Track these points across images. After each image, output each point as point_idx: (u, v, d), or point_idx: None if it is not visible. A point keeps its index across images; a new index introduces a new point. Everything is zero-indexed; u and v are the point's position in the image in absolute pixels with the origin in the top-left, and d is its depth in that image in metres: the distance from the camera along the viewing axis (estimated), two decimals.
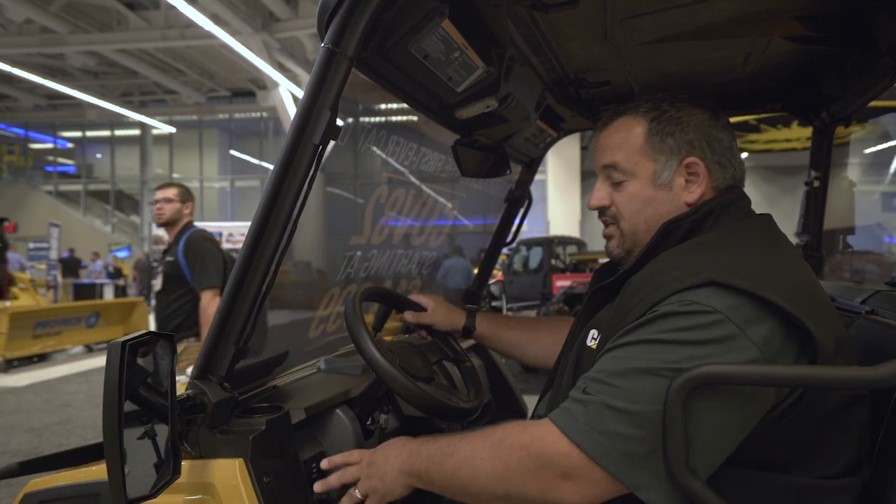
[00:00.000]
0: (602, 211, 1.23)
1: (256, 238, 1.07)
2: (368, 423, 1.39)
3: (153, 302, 5.59)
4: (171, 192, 3.76)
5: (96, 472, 1.21)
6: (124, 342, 0.90)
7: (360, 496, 1.15)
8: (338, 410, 1.36)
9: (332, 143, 1.08)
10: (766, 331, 0.93)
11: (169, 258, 3.73)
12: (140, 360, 0.97)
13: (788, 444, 0.97)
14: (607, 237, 1.24)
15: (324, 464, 1.22)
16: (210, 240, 3.77)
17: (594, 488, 0.93)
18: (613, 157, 1.18)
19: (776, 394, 0.94)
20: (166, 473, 0.99)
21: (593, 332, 1.14)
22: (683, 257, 1.05)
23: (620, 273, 1.17)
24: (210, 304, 3.58)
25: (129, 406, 0.93)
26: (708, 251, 1.05)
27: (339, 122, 1.09)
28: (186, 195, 3.82)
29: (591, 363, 1.05)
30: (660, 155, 1.15)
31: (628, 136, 1.18)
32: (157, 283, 3.82)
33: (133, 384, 0.94)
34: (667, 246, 1.10)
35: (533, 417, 1.34)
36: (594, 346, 1.11)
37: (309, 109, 1.05)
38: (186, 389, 1.08)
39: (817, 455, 0.97)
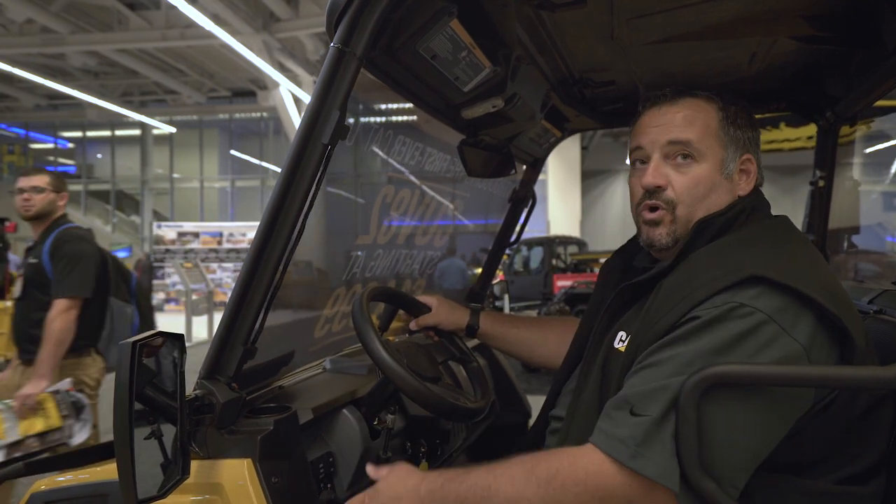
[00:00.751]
0: (654, 192, 1.12)
1: (265, 238, 1.07)
2: (375, 423, 1.39)
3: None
4: (42, 180, 3.05)
5: (102, 472, 1.21)
6: (135, 342, 0.90)
7: None
8: (344, 410, 1.36)
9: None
10: (810, 330, 0.92)
11: (32, 260, 3.02)
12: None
13: (816, 446, 0.96)
14: (653, 223, 1.13)
15: None
16: (86, 240, 3.09)
17: None
18: (685, 134, 1.10)
19: (814, 395, 0.93)
20: (175, 473, 0.99)
21: (621, 334, 1.10)
22: (719, 256, 1.02)
23: (654, 271, 1.10)
24: (59, 316, 2.80)
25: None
26: (744, 249, 1.02)
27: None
28: (60, 184, 3.14)
29: (620, 366, 1.03)
30: (730, 144, 1.12)
31: (702, 116, 1.12)
32: (16, 290, 3.11)
33: (141, 384, 0.94)
34: (698, 245, 1.07)
35: (549, 419, 1.32)
36: (622, 349, 1.07)
37: (318, 109, 1.05)
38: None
39: (843, 456, 0.97)
